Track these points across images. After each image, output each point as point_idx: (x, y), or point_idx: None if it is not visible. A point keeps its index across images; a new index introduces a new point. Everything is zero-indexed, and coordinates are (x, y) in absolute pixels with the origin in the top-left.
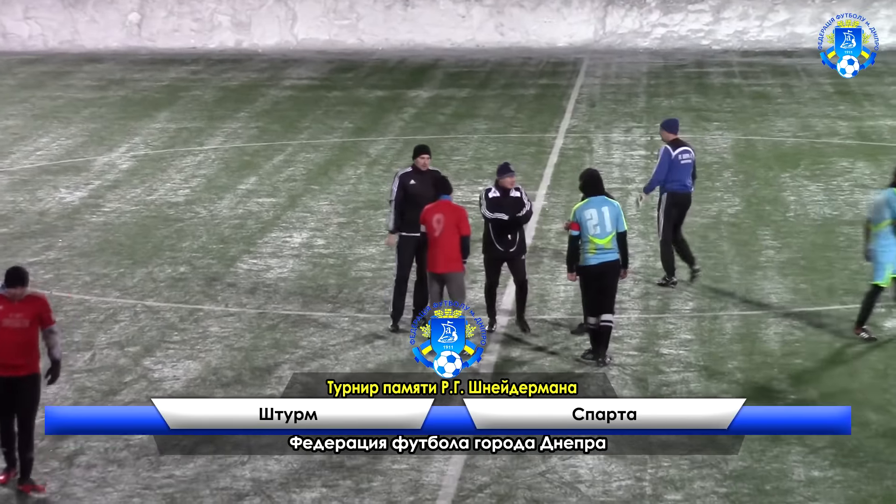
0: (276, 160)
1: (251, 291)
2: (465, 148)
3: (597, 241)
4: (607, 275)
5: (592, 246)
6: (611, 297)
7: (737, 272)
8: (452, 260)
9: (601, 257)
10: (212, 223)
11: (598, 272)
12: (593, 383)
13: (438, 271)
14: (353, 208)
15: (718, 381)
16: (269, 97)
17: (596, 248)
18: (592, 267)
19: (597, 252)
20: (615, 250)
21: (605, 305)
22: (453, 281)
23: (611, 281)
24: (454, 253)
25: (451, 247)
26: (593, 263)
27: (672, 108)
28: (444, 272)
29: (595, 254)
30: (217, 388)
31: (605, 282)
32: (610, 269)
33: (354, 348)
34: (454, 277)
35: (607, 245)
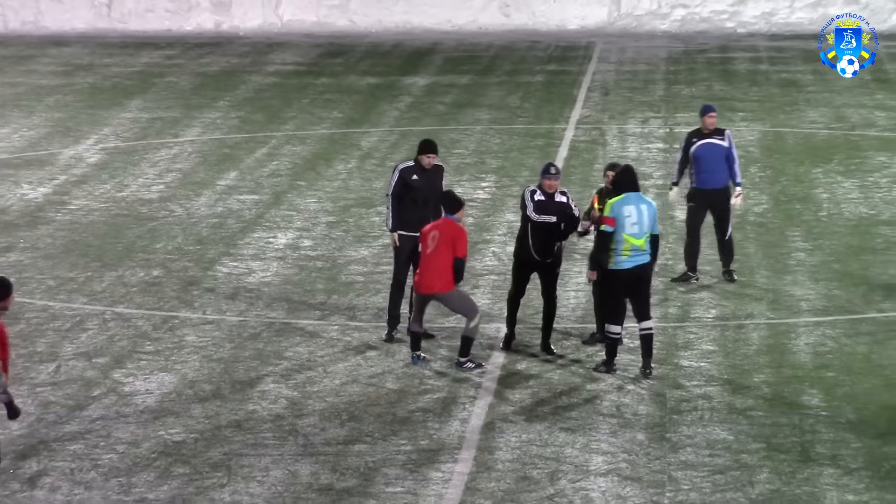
0: (258, 153)
1: (231, 297)
2: (467, 140)
3: (633, 241)
4: (642, 279)
5: (627, 246)
6: (646, 302)
7: (764, 276)
8: (441, 280)
9: (636, 259)
10: (188, 222)
11: (632, 277)
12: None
13: (423, 291)
14: (343, 206)
15: (743, 397)
16: (251, 84)
17: (631, 248)
18: (626, 271)
19: (631, 254)
20: (647, 252)
21: (644, 312)
22: (448, 300)
23: (646, 285)
24: (444, 273)
25: (442, 266)
26: (628, 267)
27: (693, 97)
28: (432, 293)
29: (629, 255)
30: (194, 402)
31: (640, 287)
32: (644, 272)
33: (345, 360)
34: (448, 296)
35: (643, 246)
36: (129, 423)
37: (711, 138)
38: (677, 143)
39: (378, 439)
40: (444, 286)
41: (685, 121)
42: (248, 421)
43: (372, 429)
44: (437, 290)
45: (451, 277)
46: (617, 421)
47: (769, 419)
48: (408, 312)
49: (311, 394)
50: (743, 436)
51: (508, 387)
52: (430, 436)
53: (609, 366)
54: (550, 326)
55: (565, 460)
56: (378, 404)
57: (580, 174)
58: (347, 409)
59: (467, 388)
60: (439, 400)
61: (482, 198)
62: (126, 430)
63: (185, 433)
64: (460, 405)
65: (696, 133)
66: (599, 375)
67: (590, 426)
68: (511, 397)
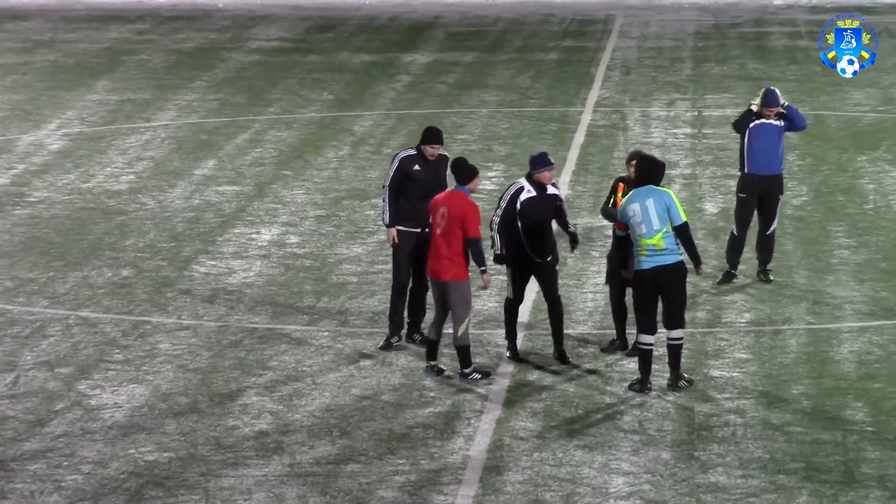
0: (239, 139)
1: (210, 300)
2: (472, 125)
3: (645, 241)
4: (665, 282)
5: (642, 247)
6: (676, 308)
7: (803, 276)
8: (451, 265)
9: (656, 260)
10: (161, 216)
11: (652, 279)
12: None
13: (433, 276)
14: (333, 199)
15: (780, 411)
16: (231, 63)
17: (646, 248)
18: (645, 272)
19: (648, 254)
20: (673, 251)
21: (672, 318)
22: (454, 291)
23: (672, 288)
24: (455, 257)
25: (452, 249)
26: (646, 268)
27: (724, 77)
28: (440, 280)
29: (647, 256)
30: (168, 417)
31: (664, 290)
32: (668, 274)
33: (336, 370)
34: (455, 287)
35: (659, 245)
36: (96, 440)
37: (770, 118)
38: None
39: (373, 459)
40: (454, 274)
41: (715, 103)
42: (229, 438)
43: (366, 447)
44: (445, 276)
45: (461, 263)
46: (639, 438)
47: (809, 436)
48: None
49: (298, 408)
50: (780, 454)
51: (518, 400)
52: (432, 455)
53: (644, 384)
54: (561, 330)
55: (582, 482)
56: (373, 420)
57: (598, 163)
58: (339, 424)
59: (472, 401)
60: (441, 415)
61: (489, 189)
62: (92, 449)
63: (157, 452)
64: (465, 420)
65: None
66: (619, 388)
67: (609, 444)
68: (521, 411)
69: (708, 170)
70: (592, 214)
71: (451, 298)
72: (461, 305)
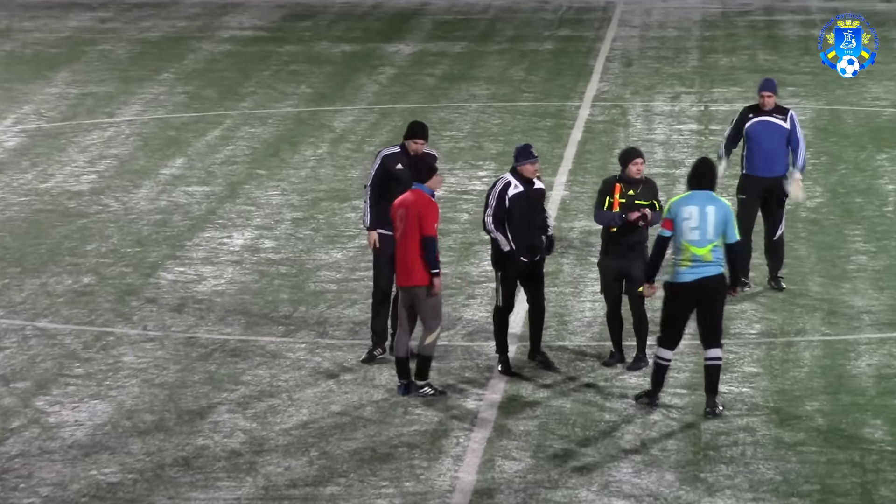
0: (210, 136)
1: (177, 310)
2: (461, 121)
3: (693, 250)
4: (707, 296)
5: (687, 256)
6: (715, 324)
7: (818, 284)
8: (412, 270)
9: (699, 271)
10: (126, 219)
11: (693, 293)
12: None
13: (402, 284)
14: (311, 200)
15: (793, 430)
16: (201, 53)
17: (692, 258)
18: (686, 285)
19: (692, 264)
20: (717, 263)
21: (710, 337)
22: (418, 299)
23: (714, 302)
24: (414, 260)
25: (412, 252)
26: (688, 280)
27: (733, 68)
28: (409, 286)
29: (690, 266)
30: (132, 436)
31: (704, 305)
32: (711, 287)
33: (314, 385)
34: (418, 294)
35: (706, 257)
36: (55, 460)
37: (770, 116)
38: (713, 123)
39: (354, 481)
40: (418, 278)
41: (723, 97)
42: (198, 458)
43: (346, 468)
44: (412, 281)
45: (421, 263)
46: (642, 458)
47: (824, 456)
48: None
49: (273, 426)
50: (793, 476)
51: (510, 416)
52: (417, 476)
53: (653, 397)
54: (540, 330)
55: None
56: (354, 438)
57: (597, 161)
58: (317, 444)
59: (461, 418)
60: (428, 433)
61: (479, 189)
62: (51, 470)
63: (121, 473)
64: (453, 439)
65: (753, 108)
66: (619, 404)
67: (609, 464)
68: (514, 429)
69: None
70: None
71: (421, 306)
72: (431, 314)
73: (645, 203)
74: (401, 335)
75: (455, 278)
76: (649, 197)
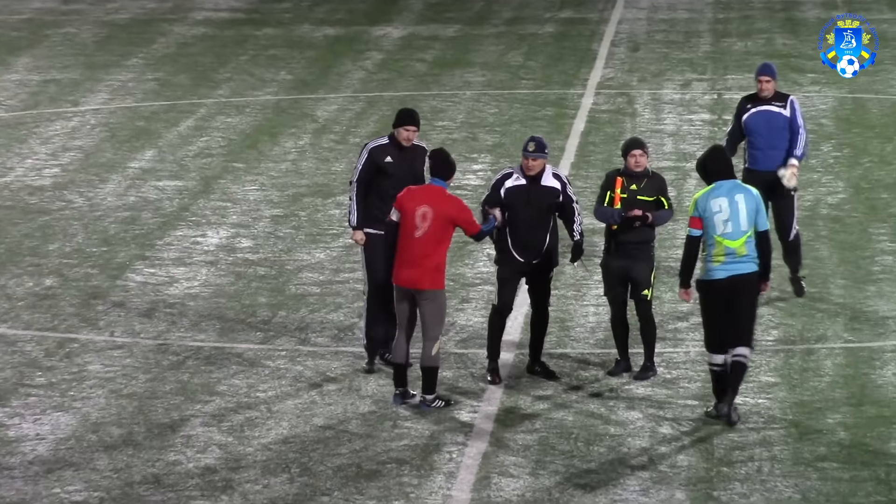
0: (182, 126)
1: (147, 314)
2: (453, 110)
3: (727, 244)
4: (741, 293)
5: (720, 250)
6: (748, 323)
7: (840, 287)
8: (431, 272)
9: (732, 268)
10: (91, 216)
11: (727, 290)
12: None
13: (407, 285)
14: (292, 195)
15: (814, 444)
16: (172, 37)
17: (725, 253)
18: (720, 282)
19: (726, 260)
20: (751, 258)
21: (739, 335)
22: (431, 302)
23: (746, 301)
24: (436, 264)
25: (435, 255)
26: (721, 277)
27: (748, 54)
28: (417, 288)
29: (723, 262)
30: (99, 451)
31: (737, 303)
32: (744, 284)
33: (295, 396)
34: (432, 297)
35: (741, 250)
36: (14, 477)
37: (769, 105)
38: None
39: (339, 500)
40: (434, 281)
41: (737, 84)
42: (170, 475)
43: (330, 485)
44: (424, 285)
45: (443, 270)
46: (649, 475)
47: (847, 472)
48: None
49: (250, 440)
50: (813, 494)
51: (508, 429)
52: (407, 494)
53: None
54: (542, 340)
55: None
56: (338, 454)
57: (602, 154)
58: (298, 459)
59: (454, 431)
60: (418, 448)
61: (473, 184)
62: (10, 487)
63: (87, 491)
64: (445, 455)
65: (752, 98)
66: (626, 416)
67: (614, 482)
68: (511, 444)
69: None
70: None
71: (426, 311)
72: (436, 320)
73: (649, 199)
74: (400, 339)
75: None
76: (654, 192)
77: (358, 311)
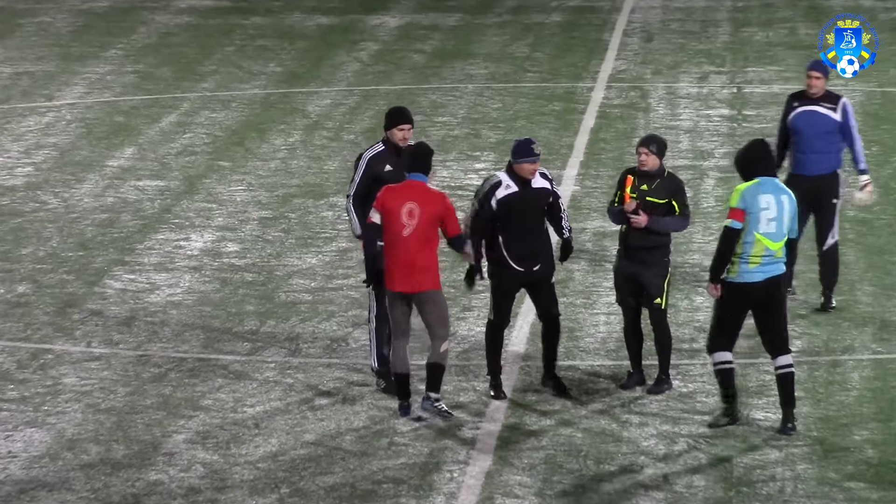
0: (164, 122)
1: (126, 323)
2: (454, 105)
3: (768, 244)
4: (776, 296)
5: (759, 250)
6: (784, 327)
7: (868, 294)
8: (425, 272)
9: (769, 269)
10: (67, 219)
11: (762, 294)
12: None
13: (402, 289)
14: (282, 196)
15: (840, 462)
16: (154, 26)
17: (764, 255)
18: (755, 286)
19: (763, 262)
20: (783, 259)
21: (780, 342)
22: (430, 303)
23: (780, 304)
24: (430, 262)
25: (428, 254)
26: (757, 280)
27: (769, 44)
28: (415, 291)
29: (761, 264)
30: (75, 470)
31: (773, 307)
32: (778, 287)
33: (285, 412)
34: (431, 298)
35: (778, 253)
36: None
37: (817, 105)
38: (747, 108)
39: None
40: (430, 281)
41: (758, 77)
42: (151, 496)
43: None
44: (422, 286)
45: (437, 268)
46: (664, 496)
47: (875, 492)
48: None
49: (237, 458)
50: None
51: (512, 448)
52: None
53: (732, 412)
54: (555, 350)
55: None
56: (331, 473)
57: (613, 152)
58: (288, 479)
59: (455, 449)
60: (416, 467)
61: (476, 184)
62: None
63: None
64: (445, 474)
65: (799, 96)
66: (638, 433)
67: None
68: (516, 462)
69: None
70: (605, 216)
71: (429, 313)
72: (441, 320)
73: (660, 201)
74: (399, 348)
75: (448, 287)
76: (666, 195)
77: (352, 321)
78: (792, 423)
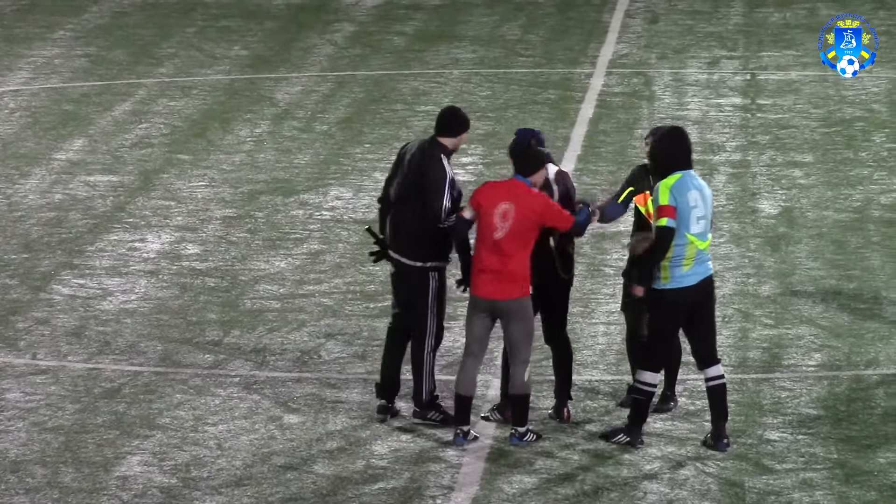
0: (117, 111)
1: (76, 333)
2: (438, 92)
3: (698, 245)
4: (709, 298)
5: (691, 252)
6: (713, 333)
7: (894, 303)
8: (517, 279)
9: (702, 271)
10: (10, 217)
11: (700, 297)
12: None
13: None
14: (248, 193)
15: (863, 487)
16: (106, 5)
17: (696, 256)
18: (691, 289)
19: (695, 264)
20: (710, 258)
21: (709, 351)
22: (517, 317)
23: (711, 306)
24: (520, 269)
25: (519, 259)
26: (692, 284)
27: (786, 27)
28: (501, 298)
29: (693, 266)
30: (19, 494)
31: (705, 309)
32: (710, 287)
33: (251, 431)
34: (518, 310)
35: (707, 251)
36: None
37: None
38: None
39: None
40: (522, 289)
41: (774, 62)
42: None
43: None
44: (512, 293)
45: (528, 275)
46: None
47: None
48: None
49: (197, 482)
50: None
51: (502, 472)
52: None
53: (634, 434)
54: (568, 382)
55: None
56: (301, 499)
57: (614, 145)
58: None
59: (439, 473)
60: (396, 492)
61: (463, 180)
62: None
63: None
64: (428, 501)
65: None
66: (640, 456)
67: None
68: (506, 487)
69: (765, 155)
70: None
71: (513, 328)
72: (526, 339)
73: None
74: (471, 366)
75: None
76: None
77: (324, 331)
78: (727, 438)
